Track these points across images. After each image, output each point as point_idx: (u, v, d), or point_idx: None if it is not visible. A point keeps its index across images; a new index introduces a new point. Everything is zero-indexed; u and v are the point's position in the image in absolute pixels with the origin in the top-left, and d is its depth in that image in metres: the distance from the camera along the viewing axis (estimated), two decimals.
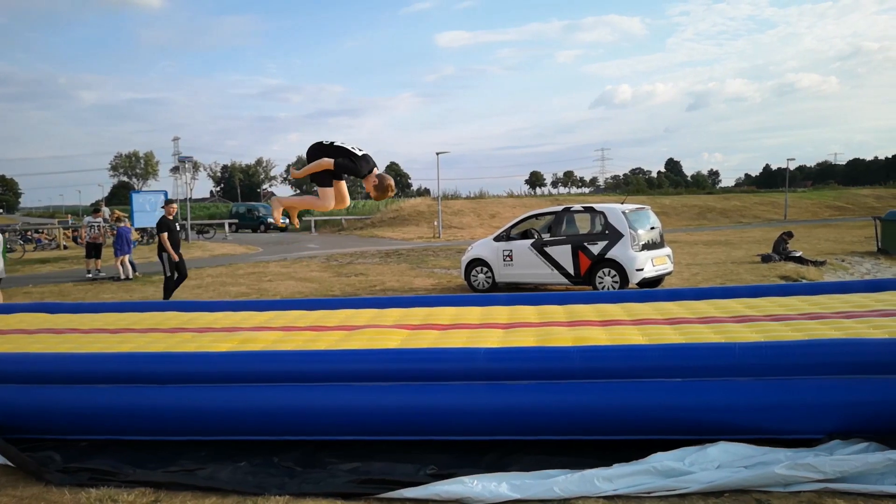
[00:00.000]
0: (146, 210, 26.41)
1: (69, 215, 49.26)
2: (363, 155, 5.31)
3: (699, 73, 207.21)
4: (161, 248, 10.71)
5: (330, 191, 5.32)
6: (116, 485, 4.00)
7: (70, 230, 30.94)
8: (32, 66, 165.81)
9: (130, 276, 15.46)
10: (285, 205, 5.69)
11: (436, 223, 32.49)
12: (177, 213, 11.13)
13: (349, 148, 5.27)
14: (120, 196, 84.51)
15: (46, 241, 29.25)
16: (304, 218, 45.26)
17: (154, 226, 27.22)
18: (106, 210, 24.55)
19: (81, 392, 4.65)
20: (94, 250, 16.25)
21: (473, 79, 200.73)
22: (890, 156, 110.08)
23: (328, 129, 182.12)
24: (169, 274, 10.78)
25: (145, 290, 13.88)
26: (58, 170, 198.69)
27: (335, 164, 5.14)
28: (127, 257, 15.59)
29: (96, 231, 16.61)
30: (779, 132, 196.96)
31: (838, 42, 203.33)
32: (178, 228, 10.99)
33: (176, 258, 10.73)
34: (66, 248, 27.97)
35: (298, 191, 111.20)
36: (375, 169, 5.35)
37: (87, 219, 18.29)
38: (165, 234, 10.63)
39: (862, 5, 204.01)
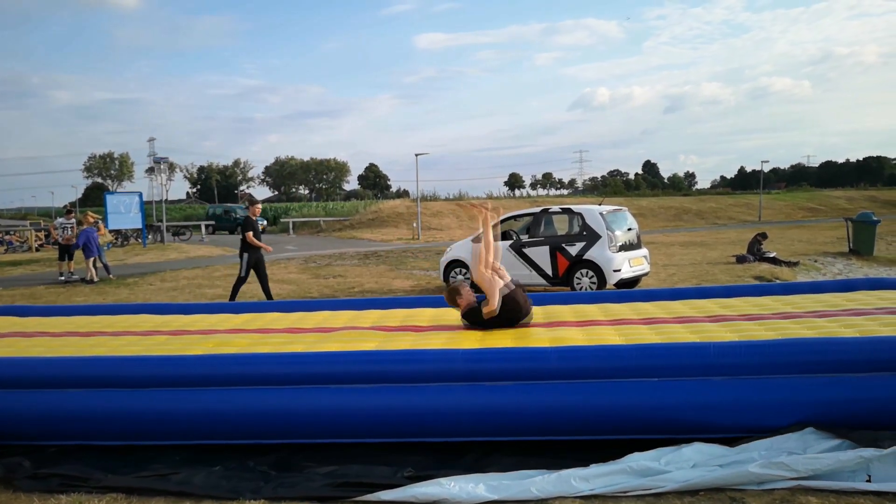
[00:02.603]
0: (120, 212, 26.06)
1: (42, 219, 48.35)
2: None
3: (675, 77, 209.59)
4: (243, 248, 10.51)
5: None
6: (87, 490, 3.92)
7: (42, 232, 30.38)
8: (4, 65, 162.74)
9: (94, 279, 15.19)
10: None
11: (415, 224, 32.46)
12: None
13: None
14: (94, 198, 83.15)
15: (17, 244, 28.71)
16: (281, 219, 44.95)
17: (128, 227, 27.22)
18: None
19: (52, 397, 4.55)
20: (66, 252, 15.97)
21: (453, 80, 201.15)
22: (861, 158, 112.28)
23: (307, 130, 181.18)
24: (243, 275, 10.60)
25: (119, 292, 13.67)
26: (30, 171, 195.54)
27: None
28: (93, 259, 15.32)
29: (69, 233, 16.33)
30: (753, 135, 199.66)
31: (810, 47, 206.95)
32: (260, 229, 10.83)
33: (269, 249, 11.11)
34: (38, 250, 27.48)
35: (276, 191, 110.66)
36: None
37: (59, 220, 17.96)
38: (251, 233, 10.48)
39: (833, 11, 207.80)
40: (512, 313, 5.36)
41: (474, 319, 5.41)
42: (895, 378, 4.06)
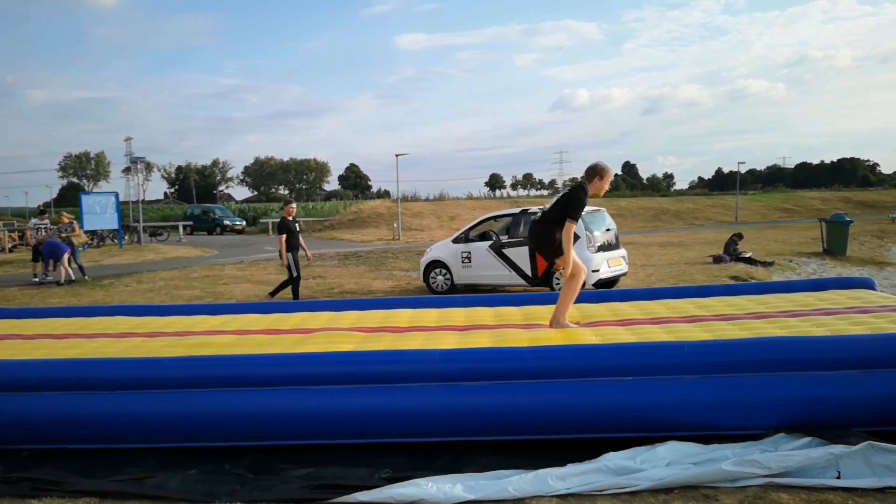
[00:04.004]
0: (96, 212, 25.70)
1: (16, 219, 47.53)
2: None
3: (654, 79, 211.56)
4: (287, 248, 10.42)
5: None
6: (60, 495, 3.87)
7: (16, 233, 29.84)
8: None
9: (72, 278, 14.98)
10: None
11: (395, 225, 32.40)
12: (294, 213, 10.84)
13: None
14: (69, 197, 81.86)
15: None
16: (261, 220, 44.62)
17: (104, 228, 26.82)
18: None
19: (24, 400, 4.48)
20: (40, 254, 15.72)
21: (433, 81, 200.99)
22: (836, 160, 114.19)
23: (287, 130, 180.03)
24: (296, 274, 10.55)
25: (94, 294, 13.49)
26: (3, 170, 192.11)
27: None
28: (67, 259, 15.08)
29: (42, 234, 16.08)
30: (730, 136, 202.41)
31: (786, 50, 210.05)
32: (297, 229, 10.67)
33: (310, 256, 11.43)
34: (11, 251, 27.00)
35: (256, 192, 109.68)
36: None
37: (33, 221, 17.68)
38: (284, 236, 10.38)
39: (808, 15, 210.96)
40: None
41: None
42: (865, 375, 4.15)
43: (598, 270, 10.81)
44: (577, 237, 9.39)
